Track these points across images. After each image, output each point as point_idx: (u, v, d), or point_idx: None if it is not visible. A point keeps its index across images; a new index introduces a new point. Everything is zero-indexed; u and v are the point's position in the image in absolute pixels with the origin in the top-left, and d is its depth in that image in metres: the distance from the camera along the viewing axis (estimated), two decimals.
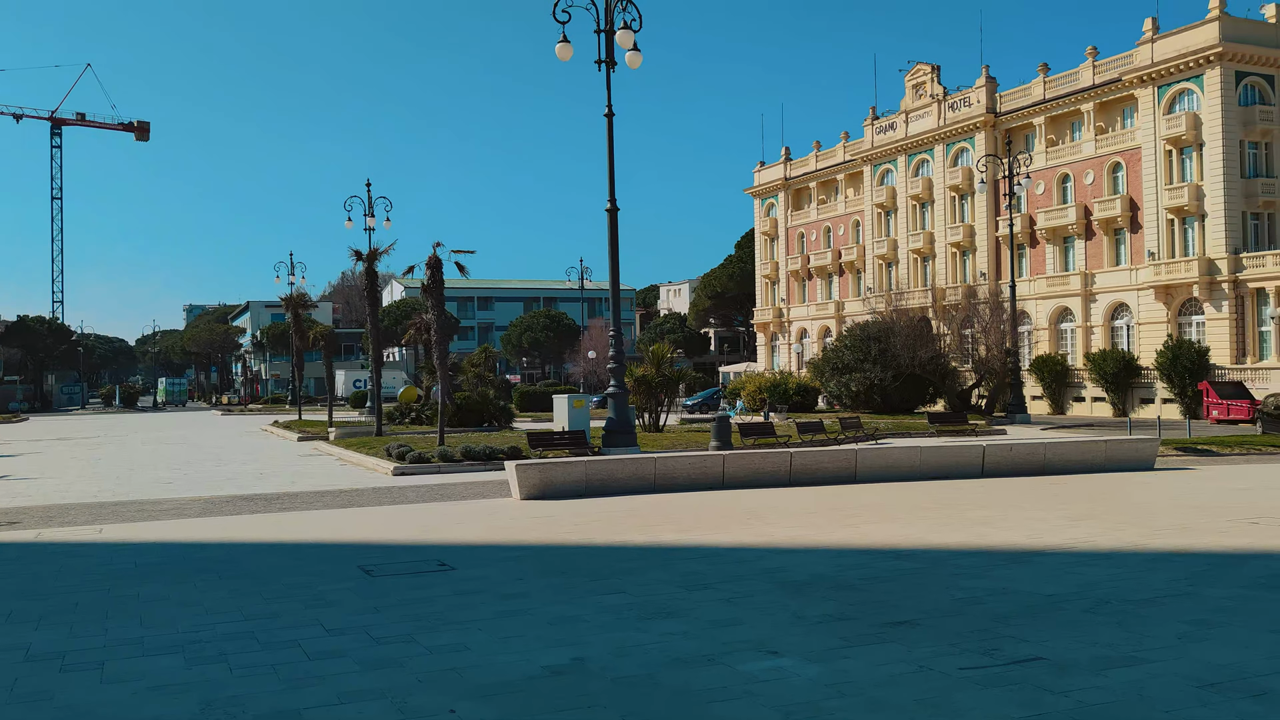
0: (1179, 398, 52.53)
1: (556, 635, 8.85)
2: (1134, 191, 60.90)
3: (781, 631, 8.86)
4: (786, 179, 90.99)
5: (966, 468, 22.27)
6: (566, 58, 29.29)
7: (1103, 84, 62.54)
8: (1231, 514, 15.69)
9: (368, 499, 20.59)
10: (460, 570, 12.05)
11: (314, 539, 15.14)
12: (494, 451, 27.79)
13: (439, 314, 31.03)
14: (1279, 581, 10.55)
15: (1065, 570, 11.39)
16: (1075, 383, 60.47)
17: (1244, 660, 7.70)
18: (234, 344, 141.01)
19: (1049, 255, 66.58)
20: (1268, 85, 56.95)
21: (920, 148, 75.55)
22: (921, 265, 76.06)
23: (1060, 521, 15.26)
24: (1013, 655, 7.94)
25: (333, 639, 8.86)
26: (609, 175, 30.30)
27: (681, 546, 13.59)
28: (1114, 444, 24.43)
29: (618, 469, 20.36)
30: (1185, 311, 58.66)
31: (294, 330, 57.56)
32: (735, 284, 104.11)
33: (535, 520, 16.53)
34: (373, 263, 36.93)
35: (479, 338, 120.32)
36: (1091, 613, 9.32)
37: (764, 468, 21.06)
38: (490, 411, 45.22)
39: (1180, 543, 13.14)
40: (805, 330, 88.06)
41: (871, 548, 13.21)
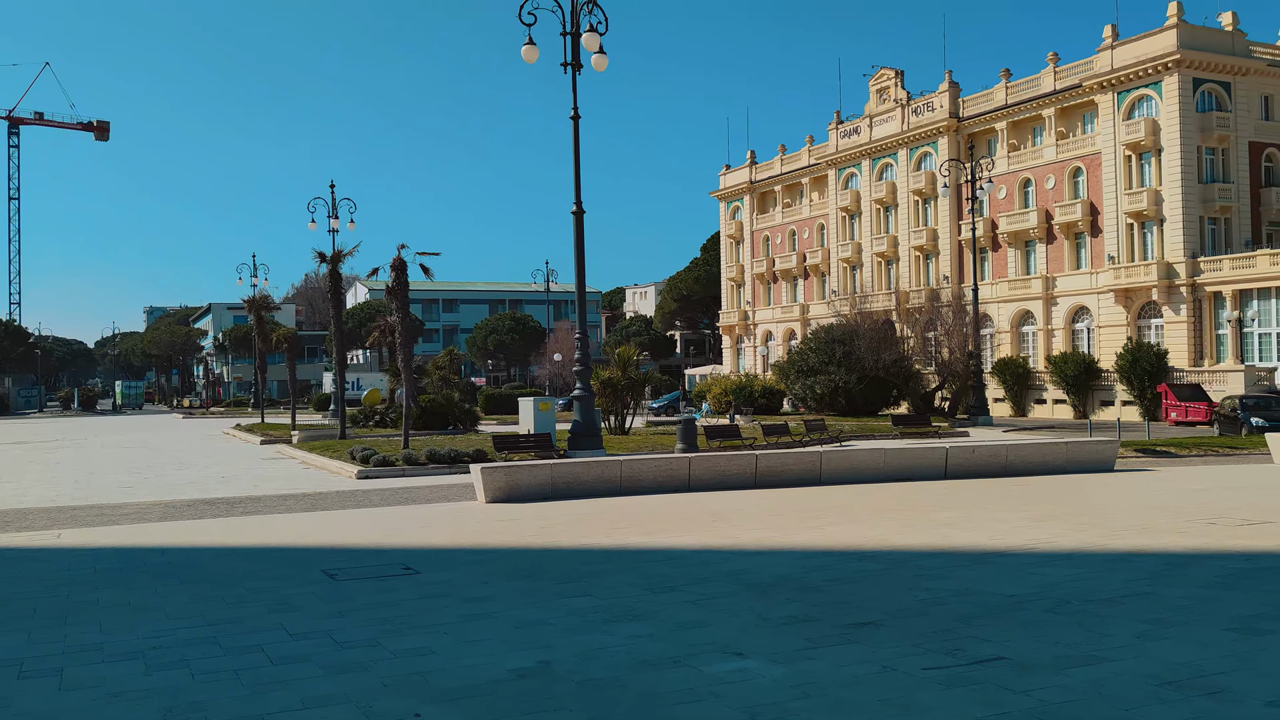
0: (1138, 400, 53.20)
1: (522, 638, 8.83)
2: (1094, 196, 61.67)
3: (747, 633, 8.89)
4: (752, 182, 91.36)
5: (930, 469, 22.44)
6: (532, 60, 29.25)
7: (1063, 90, 63.30)
8: (1189, 514, 15.92)
9: (331, 503, 20.45)
10: (425, 574, 12.00)
11: (277, 543, 15.02)
12: (459, 455, 27.69)
13: (403, 316, 30.87)
14: (1235, 581, 10.72)
15: (1027, 571, 11.51)
16: (1037, 385, 61.09)
17: (1201, 658, 7.81)
18: (196, 346, 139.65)
19: (1011, 259, 67.27)
20: (1224, 92, 57.85)
21: (884, 152, 76.10)
22: (885, 268, 76.59)
23: (1022, 522, 15.42)
24: (975, 655, 8.01)
25: (296, 644, 8.79)
26: (575, 178, 30.27)
27: (647, 549, 13.60)
28: (1074, 446, 24.70)
29: (583, 471, 20.35)
30: (1144, 315, 59.46)
31: (257, 332, 57.11)
32: (701, 286, 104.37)
33: (500, 523, 16.49)
34: (336, 265, 36.72)
35: (444, 340, 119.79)
36: (1053, 612, 9.42)
37: (729, 470, 21.13)
38: (455, 414, 45.07)
39: (1139, 543, 13.31)
40: (770, 333, 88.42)
41: (836, 549, 13.28)
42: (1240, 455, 28.42)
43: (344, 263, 37.11)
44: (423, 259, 31.13)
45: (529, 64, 29.32)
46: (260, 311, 57.57)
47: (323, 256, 36.71)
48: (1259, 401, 41.47)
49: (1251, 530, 14.19)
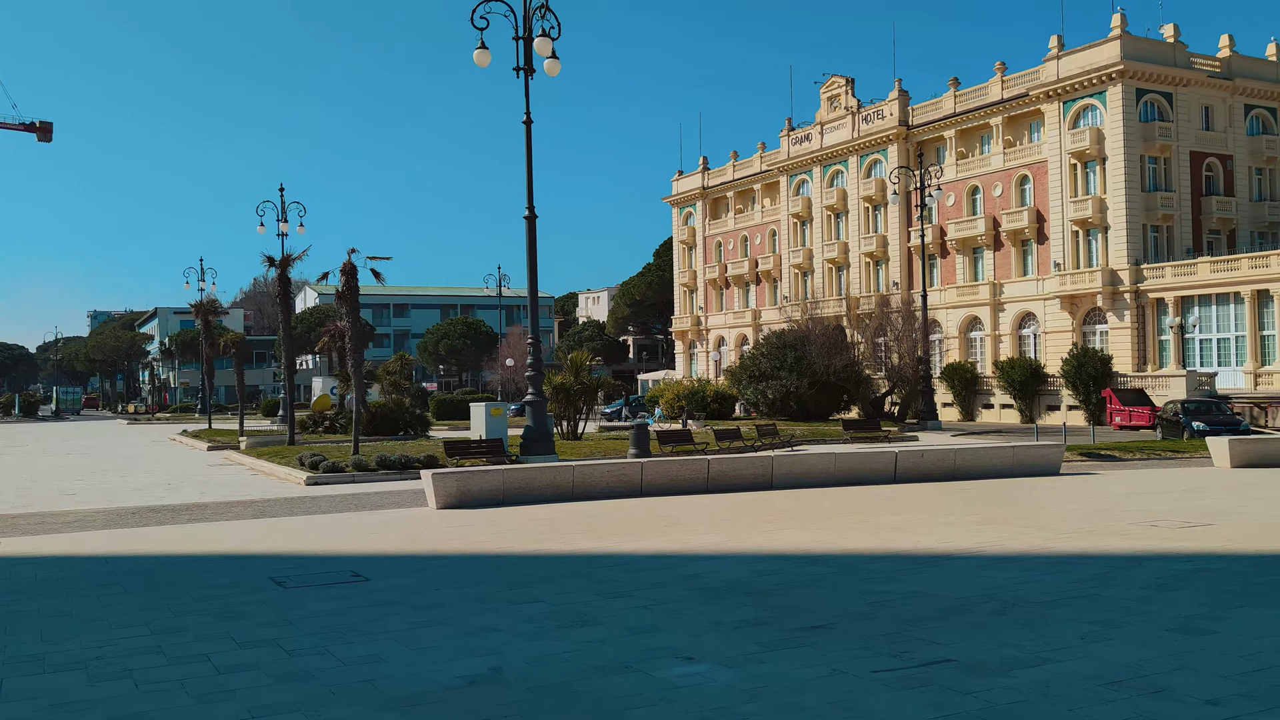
0: (1083, 404, 54.04)
1: (473, 645, 8.79)
2: (1040, 204, 62.59)
3: (698, 637, 8.92)
4: (704, 188, 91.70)
5: (880, 474, 22.64)
6: (484, 64, 29.22)
7: (1011, 99, 64.21)
8: (1132, 517, 16.20)
9: (280, 509, 20.22)
10: (375, 581, 11.91)
11: (224, 550, 14.82)
12: (410, 460, 27.49)
13: (354, 321, 30.60)
14: (1176, 582, 10.92)
15: (974, 573, 11.65)
16: (984, 390, 61.86)
17: (1144, 659, 7.95)
18: (141, 351, 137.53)
19: (959, 265, 68.07)
20: (1166, 102, 58.98)
21: (835, 159, 76.74)
22: (836, 274, 77.19)
23: (969, 526, 15.60)
24: (923, 657, 8.10)
25: (244, 652, 8.69)
26: (527, 183, 30.24)
27: (600, 554, 13.60)
28: (1021, 450, 25.04)
29: (536, 477, 20.30)
30: (1089, 321, 60.43)
31: (204, 337, 56.35)
32: (654, 292, 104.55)
33: (452, 529, 16.40)
34: (286, 269, 36.34)
35: (395, 345, 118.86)
36: (999, 615, 9.55)
37: (682, 475, 21.17)
38: (406, 420, 44.76)
39: (1084, 546, 13.52)
40: (723, 338, 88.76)
41: (787, 553, 13.36)
42: (1182, 458, 28.97)
43: (293, 267, 36.73)
44: (374, 263, 30.98)
45: (481, 68, 29.27)
46: (207, 316, 56.82)
47: (271, 261, 36.31)
48: (1200, 406, 42.31)
49: (1192, 532, 14.47)
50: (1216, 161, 60.94)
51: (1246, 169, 61.97)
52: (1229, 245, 60.41)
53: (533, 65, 29.55)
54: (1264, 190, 62.99)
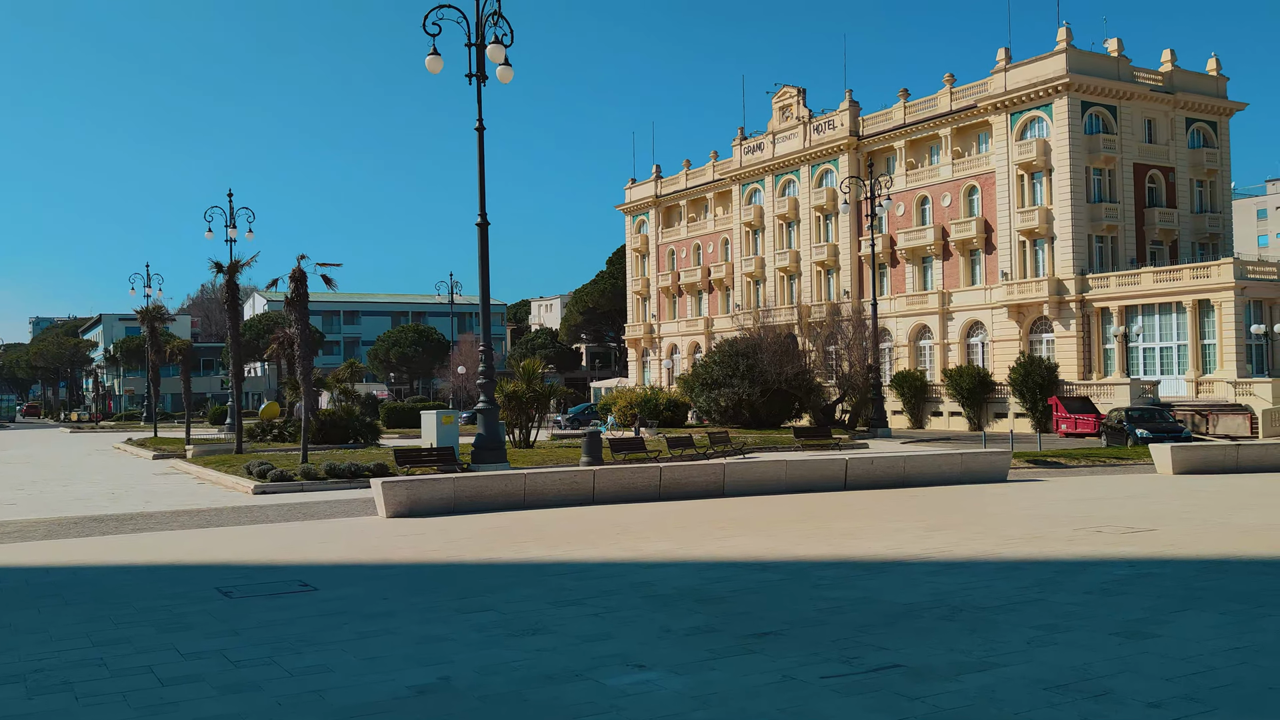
0: (1030, 412, 54.74)
1: (423, 655, 8.72)
2: (988, 214, 63.39)
3: (649, 645, 8.92)
4: (657, 196, 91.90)
5: (830, 481, 22.79)
6: (437, 70, 29.13)
7: (959, 110, 65.01)
8: (1077, 523, 16.44)
9: (227, 519, 19.96)
10: (323, 591, 11.79)
11: (169, 560, 14.60)
12: (359, 469, 27.26)
13: (303, 328, 30.29)
14: (1120, 586, 11.10)
15: (923, 579, 11.76)
16: (934, 398, 62.46)
17: (1088, 662, 8.07)
18: (85, 358, 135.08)
19: (909, 274, 68.74)
20: (1111, 115, 60.04)
21: (787, 168, 77.23)
22: (788, 283, 77.64)
23: (919, 532, 15.75)
24: (872, 663, 8.16)
25: (188, 664, 8.56)
26: (480, 189, 30.16)
27: (551, 562, 13.56)
28: (969, 457, 25.33)
29: (487, 485, 20.21)
30: (1036, 329, 61.27)
31: (150, 344, 55.49)
32: (607, 300, 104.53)
33: (402, 538, 16.28)
34: (234, 275, 35.91)
35: (345, 352, 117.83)
36: (947, 620, 9.64)
37: (634, 483, 21.18)
38: (356, 428, 44.36)
39: (1030, 551, 13.70)
40: (676, 346, 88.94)
41: (738, 560, 13.40)
42: (1126, 465, 29.46)
43: (242, 273, 36.29)
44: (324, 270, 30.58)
45: (434, 74, 29.17)
46: (154, 323, 55.97)
47: (220, 267, 35.86)
48: (1144, 414, 43.01)
49: (1135, 537, 14.71)
50: (1159, 174, 62.10)
51: (1188, 181, 63.20)
52: (1171, 256, 61.55)
53: (485, 72, 29.51)
54: (1204, 202, 64.27)
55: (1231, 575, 11.69)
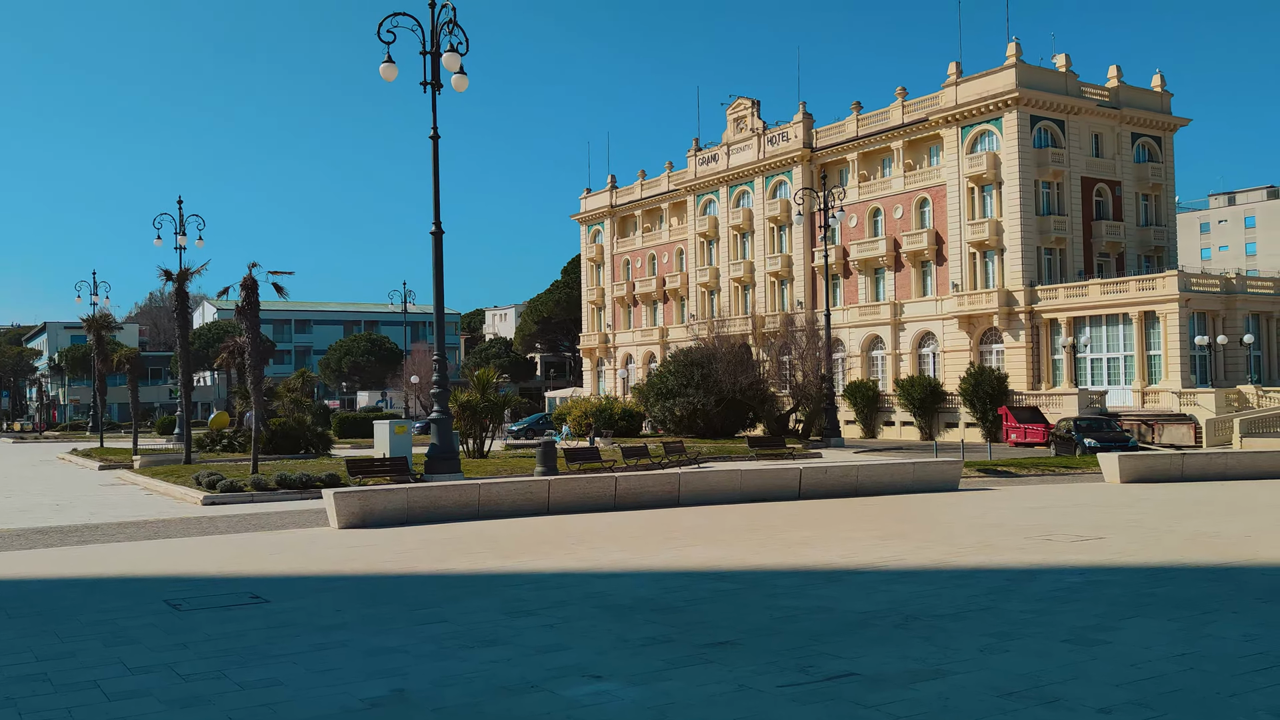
0: (981, 422, 55.39)
1: (376, 667, 8.63)
2: (939, 226, 64.11)
3: (605, 655, 8.89)
4: (613, 206, 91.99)
5: (785, 490, 22.89)
6: (391, 78, 28.98)
7: (911, 123, 65.74)
8: (1028, 532, 16.63)
9: (175, 530, 19.65)
10: (274, 603, 11.63)
11: (115, 573, 14.33)
12: (311, 479, 26.96)
13: (254, 337, 29.94)
14: (1070, 594, 11.23)
15: (877, 588, 11.83)
16: (886, 407, 63.00)
17: (1040, 669, 8.15)
18: (29, 367, 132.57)
19: (861, 285, 69.31)
20: (1059, 129, 61.01)
21: (741, 179, 77.63)
22: (742, 293, 77.99)
23: (872, 541, 15.85)
24: (828, 671, 8.19)
25: (136, 678, 8.40)
26: (434, 198, 30.06)
27: (506, 573, 13.48)
28: (921, 466, 25.56)
29: (441, 496, 20.06)
30: (986, 340, 62.01)
31: (96, 353, 54.57)
32: (562, 309, 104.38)
33: (354, 549, 16.11)
34: (183, 283, 35.43)
35: (296, 361, 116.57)
36: (902, 628, 9.71)
37: (589, 493, 21.13)
38: (307, 438, 43.87)
39: (982, 560, 13.83)
40: (630, 356, 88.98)
41: (694, 570, 13.41)
42: (1075, 474, 29.86)
43: (191, 281, 35.80)
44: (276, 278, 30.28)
45: (388, 82, 29.01)
46: (100, 331, 55.03)
47: (169, 275, 35.35)
48: (1091, 424, 43.68)
49: (1085, 546, 14.91)
50: (1106, 187, 63.19)
51: (1134, 195, 64.37)
52: (1118, 268, 62.62)
53: (440, 80, 29.42)
54: (1149, 215, 65.48)
55: (1179, 582, 11.87)
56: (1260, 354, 57.58)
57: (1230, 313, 55.84)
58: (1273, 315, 58.08)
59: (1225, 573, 12.51)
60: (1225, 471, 26.44)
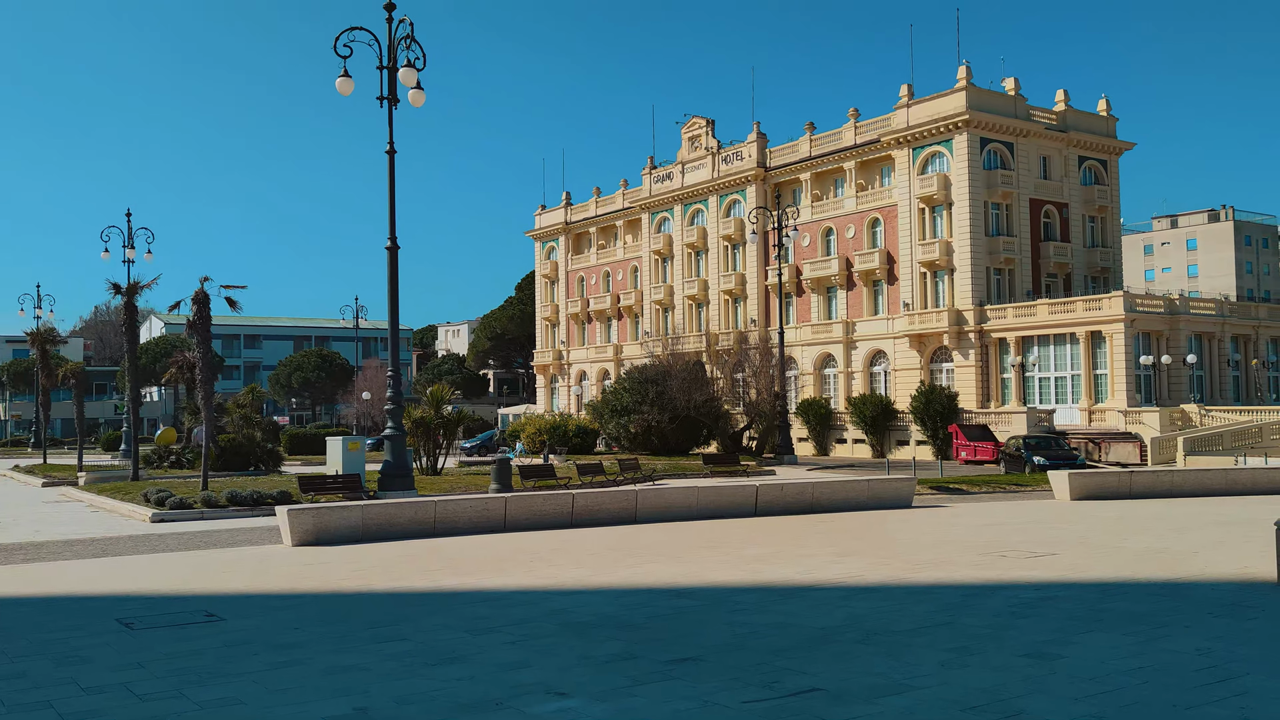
0: (931, 439, 55.93)
1: (336, 685, 8.54)
2: (891, 245, 64.80)
3: (568, 672, 8.86)
4: (567, 223, 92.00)
5: (741, 507, 22.96)
6: (347, 92, 28.83)
7: (863, 144, 66.45)
8: (983, 548, 16.81)
9: (124, 548, 19.30)
10: (229, 621, 11.47)
11: (64, 591, 14.05)
12: (262, 496, 26.64)
13: (205, 352, 29.54)
14: (1026, 609, 11.37)
15: (837, 604, 11.90)
16: (838, 425, 63.43)
17: (1000, 684, 8.24)
18: None
19: (814, 304, 69.83)
20: (1008, 151, 61.99)
21: (695, 198, 77.99)
22: (697, 311, 78.25)
23: (829, 557, 15.95)
24: (792, 687, 8.22)
25: (90, 698, 8.24)
26: (390, 213, 29.90)
27: (465, 591, 13.40)
28: (875, 483, 25.77)
29: (397, 513, 19.90)
30: (936, 359, 62.69)
31: (40, 368, 53.48)
32: (515, 326, 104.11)
33: (309, 567, 15.93)
34: (132, 297, 34.86)
35: (245, 377, 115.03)
36: (863, 643, 9.77)
37: (546, 510, 21.06)
38: (257, 454, 43.34)
39: (939, 576, 13.96)
40: (584, 372, 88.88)
41: (654, 587, 13.40)
42: (1025, 492, 30.25)
43: (140, 295, 35.24)
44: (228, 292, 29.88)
45: (344, 96, 28.86)
46: (44, 345, 53.93)
47: (118, 288, 34.74)
48: (1040, 441, 44.27)
49: (1038, 562, 15.10)
50: (1054, 209, 64.26)
51: (1080, 217, 65.51)
52: (1065, 288, 63.65)
53: (397, 96, 29.34)
54: (1096, 237, 66.67)
55: (1132, 597, 12.06)
56: (1203, 374, 58.74)
57: (1174, 333, 56.93)
58: (1215, 336, 59.30)
59: (1175, 588, 12.73)
60: (1172, 489, 26.92)
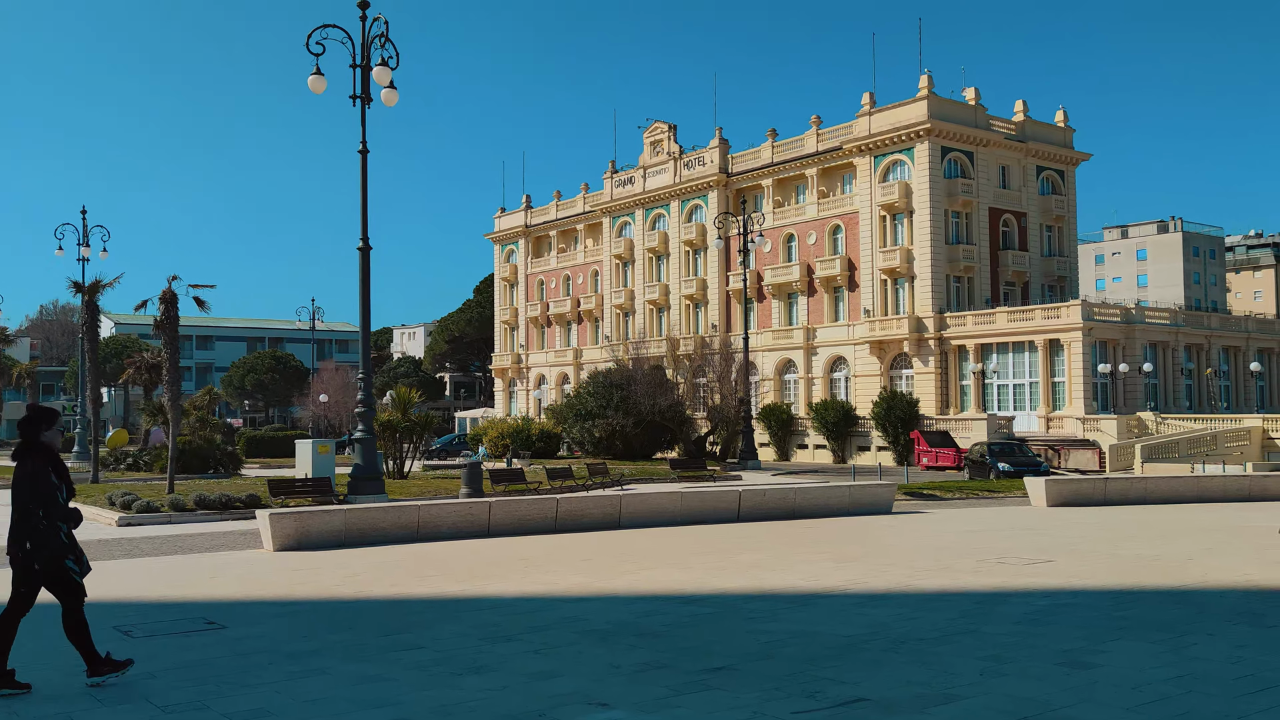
0: (893, 445, 56.31)
1: (367, 695, 8.27)
2: (852, 252, 65.23)
3: (603, 682, 8.66)
4: (527, 226, 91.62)
5: (724, 512, 22.87)
6: (320, 90, 28.55)
7: (825, 151, 66.86)
8: (978, 554, 16.81)
9: (96, 552, 18.69)
10: (232, 628, 11.13)
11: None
12: (231, 500, 26.14)
13: (172, 352, 28.95)
14: (1044, 617, 11.34)
15: (853, 611, 11.79)
16: (799, 430, 63.67)
17: (1045, 693, 8.15)
18: None
19: (775, 310, 70.10)
20: (968, 160, 62.65)
21: (657, 202, 78.02)
22: (658, 315, 78.26)
23: (828, 564, 15.86)
24: (837, 697, 8.08)
25: (108, 709, 7.92)
26: (362, 213, 29.55)
27: (468, 597, 13.13)
28: (856, 489, 25.82)
29: (380, 517, 19.55)
30: (897, 365, 63.17)
31: None
32: (474, 329, 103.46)
33: (298, 573, 15.57)
34: (94, 296, 34.09)
35: (197, 379, 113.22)
36: (892, 652, 9.66)
37: (531, 515, 20.81)
38: (216, 457, 42.59)
39: (944, 583, 13.91)
40: (544, 376, 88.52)
41: (659, 594, 13.22)
42: (999, 498, 30.45)
43: (101, 294, 34.49)
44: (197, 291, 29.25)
45: (317, 94, 28.51)
46: None
47: (79, 287, 33.97)
48: (1004, 448, 44.70)
49: (1039, 569, 15.11)
50: (1012, 218, 65.05)
51: (1038, 226, 66.40)
52: (1023, 297, 64.45)
53: (370, 94, 28.99)
54: (1053, 246, 67.59)
55: (1145, 605, 12.08)
56: (1158, 382, 59.73)
57: (1130, 342, 57.83)
58: (1169, 345, 60.32)
59: (1184, 595, 12.78)
60: (1145, 496, 27.24)
